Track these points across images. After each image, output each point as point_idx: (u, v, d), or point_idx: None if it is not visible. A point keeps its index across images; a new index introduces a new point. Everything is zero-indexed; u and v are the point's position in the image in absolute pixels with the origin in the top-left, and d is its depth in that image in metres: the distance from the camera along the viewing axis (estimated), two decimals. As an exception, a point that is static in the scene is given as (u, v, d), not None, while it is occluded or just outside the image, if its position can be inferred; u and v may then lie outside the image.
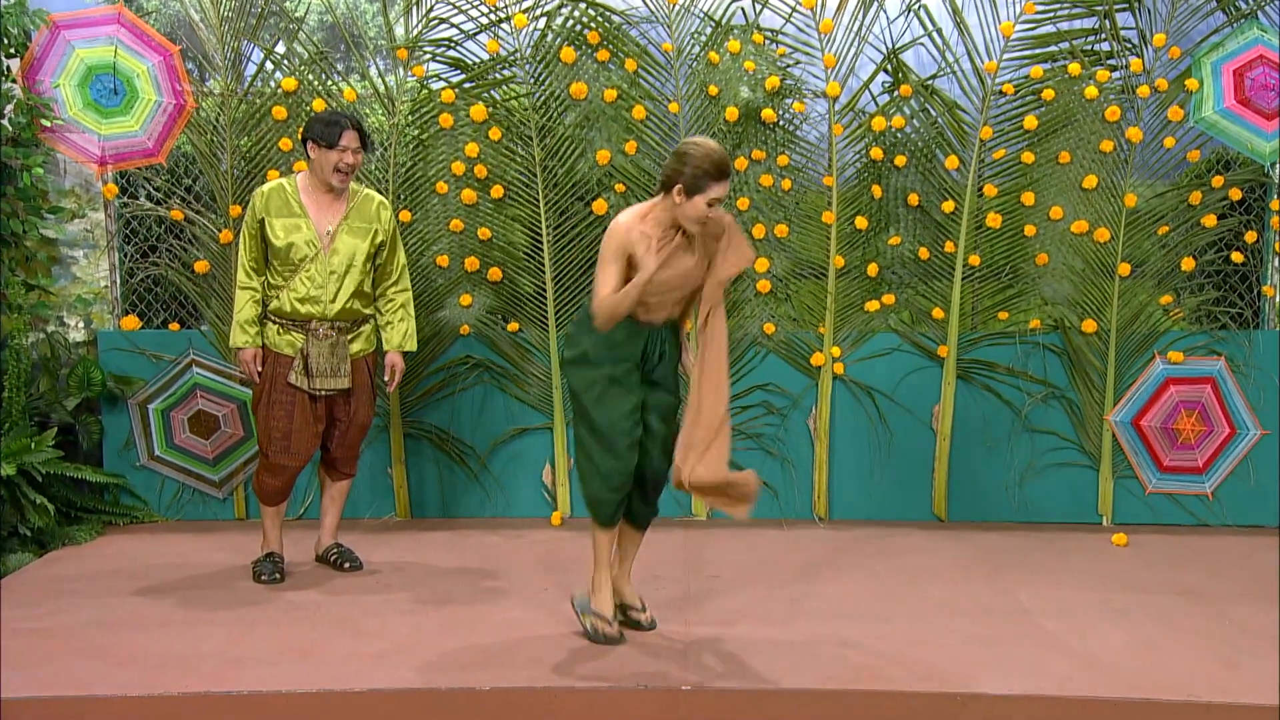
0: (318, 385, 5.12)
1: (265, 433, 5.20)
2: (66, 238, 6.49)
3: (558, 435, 6.40)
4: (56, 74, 6.17)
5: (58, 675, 4.15)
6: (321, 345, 5.11)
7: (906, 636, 4.53)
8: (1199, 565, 5.61)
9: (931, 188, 6.27)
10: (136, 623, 4.71)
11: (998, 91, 6.20)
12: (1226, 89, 6.14)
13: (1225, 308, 6.36)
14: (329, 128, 4.98)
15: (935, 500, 6.40)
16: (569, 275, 6.34)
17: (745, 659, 4.28)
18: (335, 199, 5.16)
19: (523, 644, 4.41)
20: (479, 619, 4.74)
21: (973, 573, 5.42)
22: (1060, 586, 5.22)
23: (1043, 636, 4.55)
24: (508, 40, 6.21)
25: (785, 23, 6.23)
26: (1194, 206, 6.24)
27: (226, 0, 6.23)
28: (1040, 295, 6.33)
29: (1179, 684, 4.06)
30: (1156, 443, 6.32)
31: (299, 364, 5.10)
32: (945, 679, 4.08)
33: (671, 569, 5.44)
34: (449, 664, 4.22)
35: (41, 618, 4.80)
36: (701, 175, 4.05)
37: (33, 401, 6.26)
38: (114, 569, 5.51)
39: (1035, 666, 4.21)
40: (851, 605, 4.93)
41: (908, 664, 4.23)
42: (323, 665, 4.22)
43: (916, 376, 6.36)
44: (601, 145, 6.22)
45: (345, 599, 5.02)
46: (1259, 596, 5.12)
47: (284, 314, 5.11)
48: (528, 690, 3.98)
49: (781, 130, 6.25)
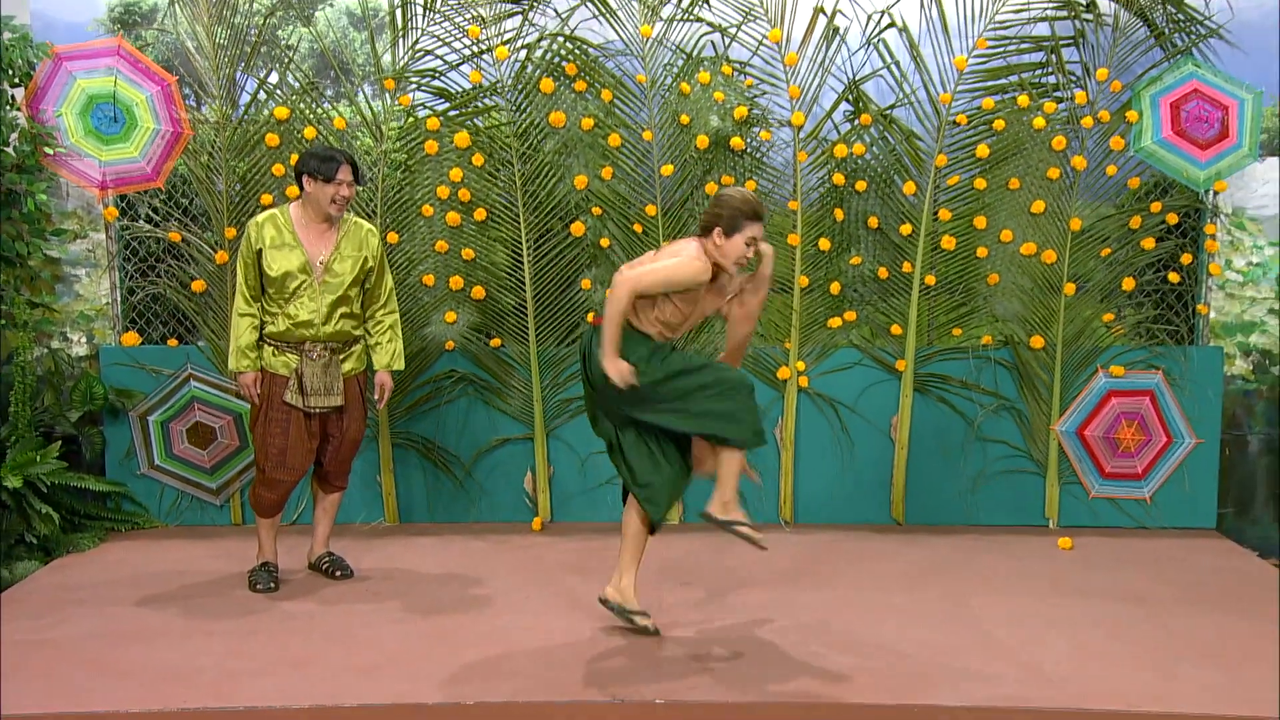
0: (312, 403, 5.04)
1: (262, 449, 5.11)
2: (69, 257, 6.35)
3: (538, 444, 6.31)
4: (59, 103, 6.02)
5: (60, 689, 4.05)
6: (315, 365, 5.03)
7: (868, 646, 4.44)
8: (1138, 569, 5.56)
9: (890, 211, 6.20)
10: (137, 634, 4.60)
11: (952, 121, 6.13)
12: (1164, 120, 6.09)
13: (1163, 325, 6.33)
14: (325, 163, 4.90)
15: (894, 504, 6.35)
16: (549, 293, 6.24)
17: (716, 670, 4.21)
18: (328, 228, 5.07)
19: (506, 656, 4.32)
20: (464, 629, 4.65)
21: (930, 579, 5.35)
22: (1011, 594, 5.15)
23: (995, 646, 4.46)
24: (490, 71, 6.10)
25: (753, 55, 6.15)
26: (1134, 230, 6.19)
27: (221, 29, 6.08)
28: (991, 313, 6.27)
29: (1120, 694, 4.00)
30: (1099, 451, 6.28)
31: (294, 383, 5.02)
32: (903, 691, 4.00)
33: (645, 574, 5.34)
34: (436, 676, 4.12)
35: (45, 629, 4.70)
36: (738, 215, 4.19)
37: (38, 415, 6.13)
38: (116, 577, 5.40)
39: (989, 677, 4.13)
40: (818, 614, 4.83)
41: (872, 674, 4.16)
42: (317, 678, 4.12)
43: (876, 389, 6.30)
44: (579, 171, 6.12)
45: (338, 608, 4.93)
46: (1194, 602, 5.06)
47: (279, 336, 5.03)
48: (511, 705, 3.88)
49: (749, 157, 6.17)
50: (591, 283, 6.23)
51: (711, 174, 6.15)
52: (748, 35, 6.13)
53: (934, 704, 3.89)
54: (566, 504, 6.37)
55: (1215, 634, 4.64)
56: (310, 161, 4.93)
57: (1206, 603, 5.05)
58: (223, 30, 6.13)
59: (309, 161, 4.93)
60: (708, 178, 6.14)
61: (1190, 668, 4.25)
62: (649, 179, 6.17)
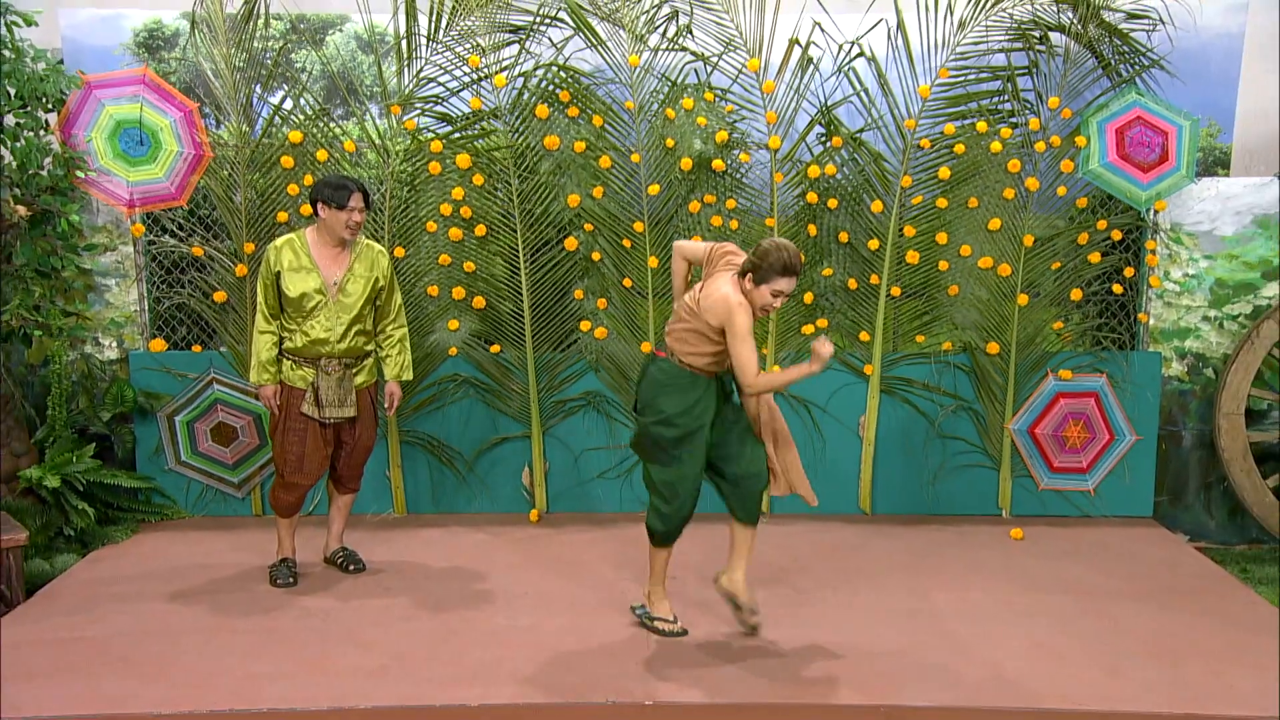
0: (327, 414, 5.01)
1: (281, 456, 5.08)
2: (100, 269, 6.26)
3: (535, 442, 6.29)
4: (89, 128, 5.94)
5: (92, 692, 4.03)
6: (330, 379, 5.00)
7: (839, 645, 4.43)
8: (1083, 560, 5.59)
9: (859, 227, 6.17)
10: (165, 632, 4.58)
11: (916, 145, 6.09)
12: (1110, 145, 6.06)
13: (1107, 332, 6.32)
14: (338, 191, 4.84)
15: (861, 497, 6.35)
16: (544, 303, 6.20)
17: (697, 669, 4.20)
18: (341, 251, 5.02)
19: (507, 657, 4.31)
20: (468, 627, 4.62)
21: (895, 574, 5.33)
22: (969, 588, 5.16)
23: (956, 643, 4.46)
24: (489, 98, 6.02)
25: (733, 83, 6.08)
26: (1081, 246, 6.18)
27: (238, 53, 5.98)
28: (951, 321, 6.26)
29: (1070, 692, 4.02)
30: (1048, 447, 6.29)
31: (310, 396, 5.00)
32: (874, 691, 4.01)
33: (634, 571, 5.34)
34: (443, 677, 4.11)
35: (82, 626, 4.67)
36: (770, 269, 4.12)
37: (73, 416, 6.08)
38: (148, 571, 5.38)
39: (950, 676, 4.14)
40: (794, 612, 4.80)
41: (841, 674, 4.15)
42: (332, 680, 4.11)
43: (845, 391, 6.29)
44: (572, 190, 6.07)
45: (351, 604, 4.91)
46: (1135, 596, 5.09)
47: (297, 352, 4.99)
48: (509, 707, 3.88)
49: (729, 177, 6.11)
50: (584, 293, 6.19)
51: (695, 193, 6.10)
52: (728, 64, 6.06)
53: (901, 704, 3.89)
54: (561, 497, 6.36)
55: (1154, 628, 4.67)
56: (324, 190, 4.87)
57: (1146, 596, 5.08)
58: (239, 54, 6.03)
59: (323, 190, 4.87)
60: (691, 196, 6.09)
61: (1133, 665, 4.28)
62: (637, 197, 6.12)
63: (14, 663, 4.26)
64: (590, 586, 5.09)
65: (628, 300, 6.19)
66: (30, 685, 4.05)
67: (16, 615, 4.81)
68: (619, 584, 5.11)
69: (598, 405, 6.27)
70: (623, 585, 5.09)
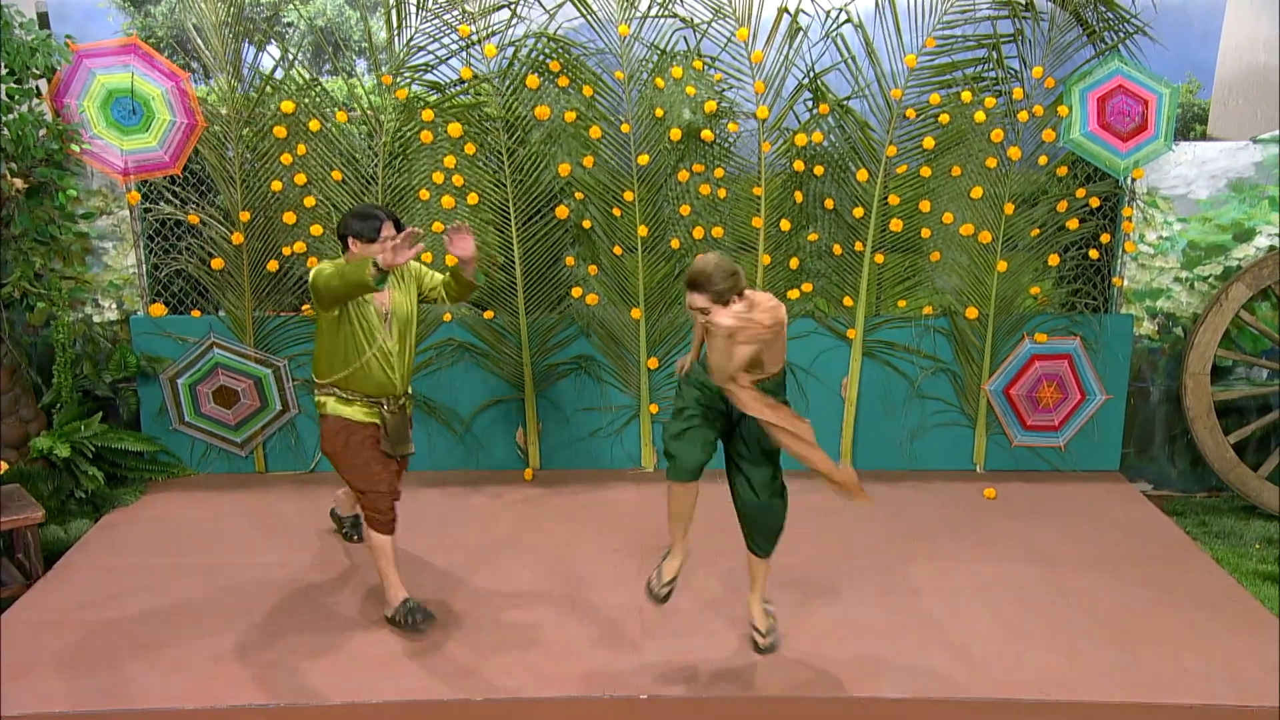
0: (397, 451, 4.64)
1: (370, 483, 4.56)
2: (96, 233, 6.22)
3: (528, 403, 6.37)
4: (81, 96, 5.85)
5: (117, 684, 4.16)
6: (394, 418, 4.62)
7: (820, 630, 4.56)
8: (1052, 522, 5.76)
9: (845, 195, 6.17)
10: (183, 618, 4.67)
11: (902, 115, 6.05)
12: (1091, 114, 6.04)
13: (1082, 298, 6.39)
14: (367, 223, 4.44)
15: (843, 454, 6.49)
16: (535, 270, 6.23)
17: (689, 662, 4.31)
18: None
19: (507, 645, 4.43)
20: (470, 612, 4.72)
21: (872, 543, 5.45)
22: (942, 556, 5.31)
23: (929, 626, 4.60)
24: (480, 67, 5.94)
25: (721, 50, 6.00)
26: (1060, 213, 6.20)
27: (225, 8, 5.86)
28: (933, 286, 6.32)
29: (1031, 679, 4.18)
30: (1022, 407, 6.42)
31: (382, 432, 4.60)
32: (852, 681, 4.15)
33: (625, 537, 5.48)
34: (448, 670, 4.23)
35: (101, 606, 4.78)
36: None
37: (78, 381, 6.11)
38: (159, 539, 5.49)
39: (923, 666, 4.28)
40: (775, 594, 4.76)
41: (813, 664, 4.29)
42: (344, 672, 4.22)
43: (829, 354, 6.37)
44: (563, 159, 6.03)
45: (360, 589, 4.95)
46: (1097, 563, 5.26)
47: (359, 391, 4.57)
48: (512, 701, 4.04)
49: (718, 147, 6.08)
50: (575, 260, 6.21)
51: (683, 162, 6.07)
52: (717, 32, 5.97)
53: (879, 696, 4.06)
54: (554, 455, 6.47)
55: (1114, 605, 4.84)
56: (353, 224, 4.46)
57: (1107, 565, 5.24)
58: (226, 9, 5.91)
59: (351, 225, 4.46)
60: (680, 165, 6.06)
61: (1092, 647, 4.45)
62: (627, 167, 6.08)
63: (39, 649, 4.39)
64: (588, 560, 5.22)
65: (618, 267, 6.21)
66: (59, 676, 4.18)
67: (37, 592, 4.93)
68: (611, 556, 5.23)
69: (589, 368, 6.34)
70: (618, 558, 5.23)
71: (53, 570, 5.16)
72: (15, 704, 3.99)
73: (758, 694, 4.09)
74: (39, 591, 4.94)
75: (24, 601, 4.84)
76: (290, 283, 6.20)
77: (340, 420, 4.55)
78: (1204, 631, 4.57)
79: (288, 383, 6.28)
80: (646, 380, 6.35)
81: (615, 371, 6.34)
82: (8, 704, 3.99)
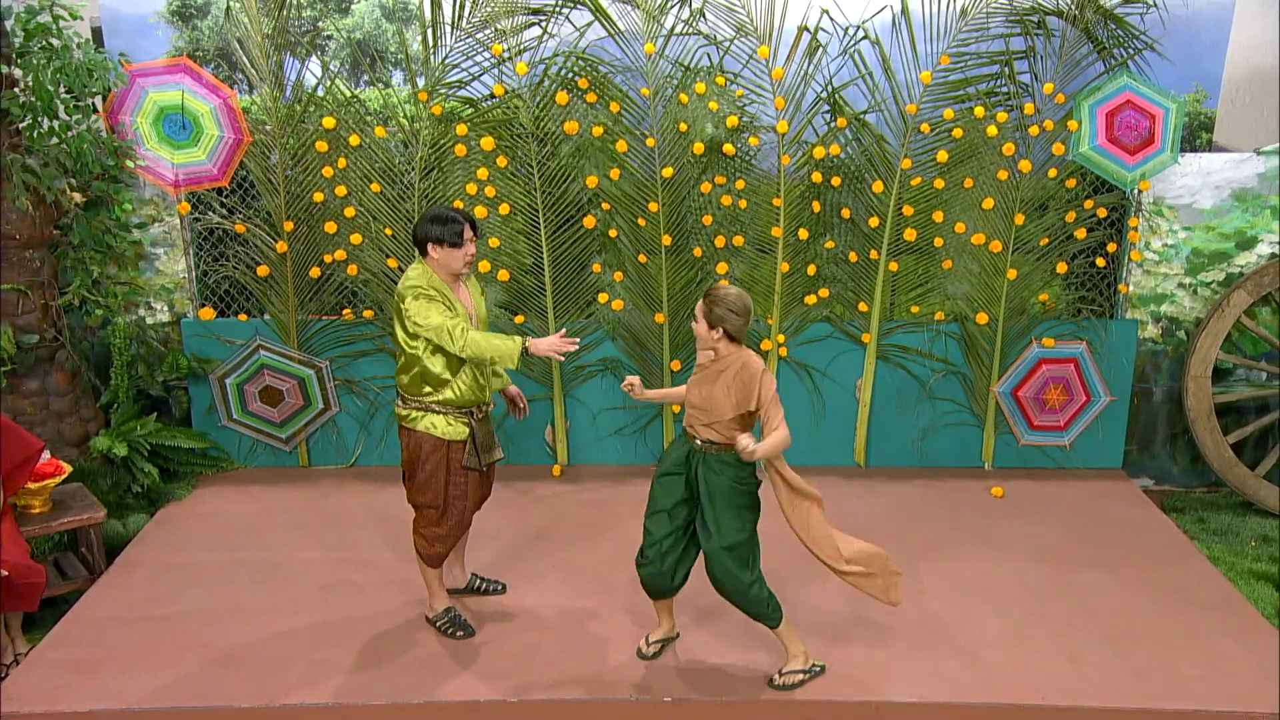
0: (485, 460, 4.57)
1: (442, 511, 4.53)
2: (148, 239, 6.38)
3: (557, 403, 6.52)
4: (134, 113, 5.99)
5: (179, 680, 4.34)
6: (483, 427, 4.56)
7: (836, 630, 4.69)
8: (1057, 522, 5.87)
9: (861, 205, 6.27)
10: (236, 616, 4.85)
11: (917, 129, 6.12)
12: (1100, 129, 6.11)
13: (1089, 304, 6.47)
14: (448, 227, 4.30)
15: (857, 451, 6.62)
16: (564, 276, 6.36)
17: (712, 666, 4.43)
18: (459, 285, 4.52)
19: (535, 648, 4.57)
20: (501, 612, 4.87)
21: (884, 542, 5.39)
22: (950, 557, 5.43)
23: (938, 628, 4.72)
24: (511, 82, 6.04)
25: (743, 68, 6.08)
26: (1068, 223, 6.28)
27: (267, 21, 5.99)
28: (945, 293, 6.41)
29: (1036, 684, 4.29)
30: (1029, 408, 6.53)
31: (470, 447, 4.49)
32: (862, 685, 4.28)
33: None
34: (484, 672, 4.39)
35: (161, 601, 4.97)
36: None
37: (133, 381, 6.29)
38: (212, 535, 5.68)
39: (933, 670, 4.40)
40: (796, 591, 4.99)
41: (838, 666, 4.42)
42: (388, 673, 4.38)
43: (845, 357, 6.49)
44: (590, 172, 6.14)
45: (402, 587, 5.08)
46: (1100, 563, 5.38)
47: (453, 404, 4.44)
48: (544, 703, 4.19)
49: (739, 159, 6.17)
50: (601, 266, 6.33)
51: (706, 174, 6.17)
52: (739, 49, 6.05)
53: (890, 700, 4.20)
54: (581, 452, 6.63)
55: (1116, 607, 4.95)
56: (433, 229, 4.31)
57: (1110, 566, 5.36)
58: (268, 23, 6.03)
59: (431, 229, 4.31)
60: (702, 178, 6.17)
61: (1095, 652, 4.56)
62: (651, 179, 6.19)
63: (107, 646, 4.60)
64: (612, 552, 5.37)
65: (643, 274, 6.33)
66: (127, 674, 4.38)
67: (100, 588, 5.12)
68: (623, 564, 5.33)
69: (614, 370, 6.48)
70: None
71: (114, 565, 5.36)
72: (86, 700, 4.20)
73: (773, 698, 4.23)
74: (102, 587, 5.13)
75: (89, 597, 5.04)
76: (331, 288, 6.35)
77: (432, 438, 4.43)
78: (1201, 636, 4.68)
79: (329, 382, 6.45)
80: (670, 381, 6.48)
81: (640, 373, 6.48)
82: (79, 700, 4.19)
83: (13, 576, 4.59)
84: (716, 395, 3.99)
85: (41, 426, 5.88)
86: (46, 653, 4.55)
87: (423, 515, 4.56)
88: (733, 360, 4.00)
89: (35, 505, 5.27)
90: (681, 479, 4.18)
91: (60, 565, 5.38)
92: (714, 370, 4.04)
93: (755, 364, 3.99)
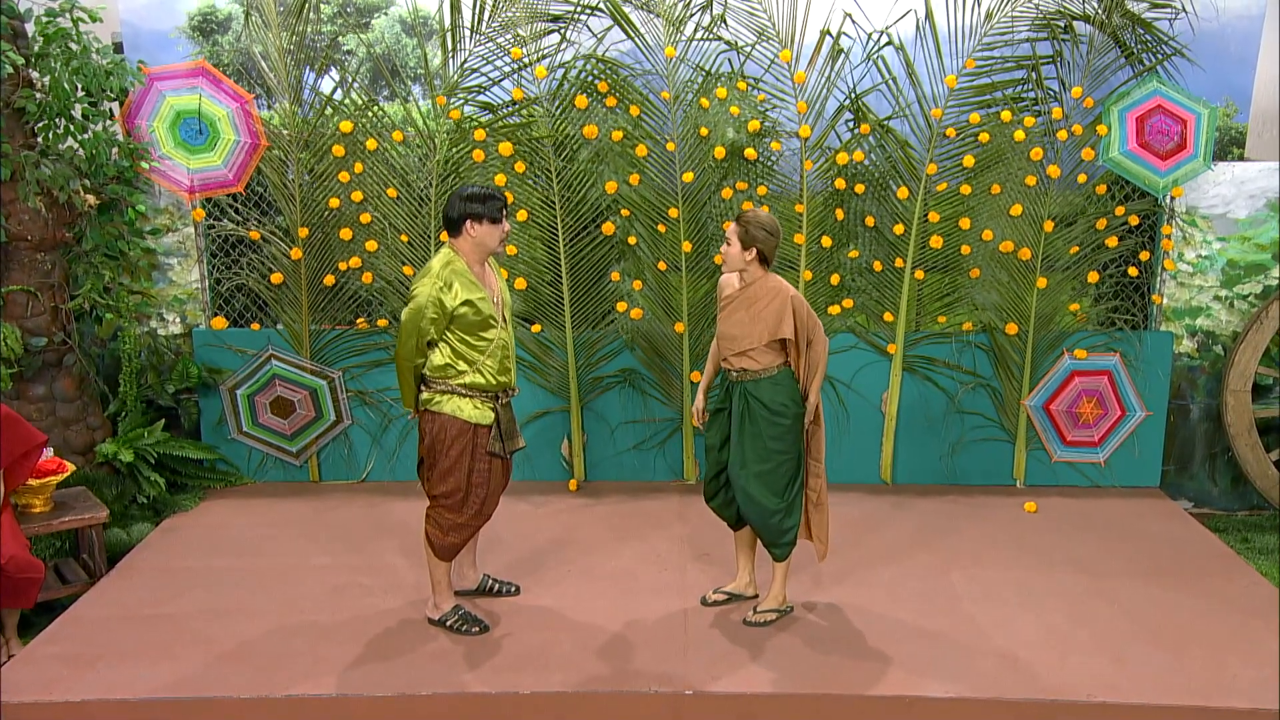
0: (510, 447, 4.47)
1: (462, 498, 4.37)
2: (162, 249, 6.33)
3: (573, 416, 6.38)
4: (151, 117, 5.97)
5: (178, 673, 4.18)
6: (506, 412, 4.45)
7: (864, 630, 4.52)
8: (1094, 535, 5.67)
9: (885, 212, 6.16)
10: (239, 614, 4.69)
11: (942, 134, 6.04)
12: (1130, 133, 6.01)
13: (1122, 314, 6.32)
14: (489, 203, 4.23)
15: (883, 468, 6.44)
16: (582, 285, 6.25)
17: (735, 663, 4.26)
18: (484, 269, 4.40)
19: (551, 644, 4.41)
20: (516, 611, 4.72)
21: (914, 552, 5.40)
22: (984, 565, 5.24)
23: (972, 629, 4.54)
24: (530, 88, 6.00)
25: (765, 72, 6.03)
26: (1099, 230, 6.15)
27: (287, 36, 5.98)
28: (972, 302, 6.27)
29: (1078, 682, 4.09)
30: (1062, 422, 6.34)
31: (495, 433, 4.37)
32: (893, 680, 4.10)
33: (670, 543, 5.45)
34: (497, 664, 4.23)
35: (161, 602, 4.82)
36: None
37: (142, 391, 6.19)
38: (217, 543, 5.52)
39: (967, 666, 4.21)
40: (826, 591, 4.88)
41: (861, 664, 4.24)
42: (395, 667, 4.22)
43: (870, 369, 6.34)
44: (610, 177, 6.07)
45: (408, 593, 4.92)
46: (1141, 573, 5.18)
47: (479, 388, 4.32)
48: (558, 695, 4.01)
49: (761, 165, 6.09)
50: (620, 275, 6.23)
51: (727, 180, 6.09)
52: (760, 54, 6.01)
53: (924, 695, 3.99)
54: (598, 467, 6.47)
55: (1159, 612, 4.74)
56: (473, 205, 4.21)
57: (1152, 575, 5.15)
58: (289, 37, 6.03)
59: (471, 205, 4.21)
60: (723, 183, 6.09)
61: (1138, 652, 4.35)
62: (671, 185, 6.12)
63: (104, 641, 4.43)
64: (625, 570, 5.20)
65: (662, 282, 6.23)
66: (123, 666, 4.22)
67: (100, 589, 4.97)
68: (648, 565, 5.21)
69: (633, 382, 6.35)
70: (660, 567, 5.20)
71: (115, 569, 5.21)
72: (83, 691, 4.03)
73: (803, 691, 4.03)
74: (102, 589, 4.98)
75: (88, 598, 4.89)
76: (345, 297, 6.27)
77: (458, 422, 4.29)
78: (1250, 637, 4.47)
79: (342, 394, 6.34)
80: (689, 393, 6.34)
81: (659, 384, 6.34)
82: (75, 691, 4.02)
83: (10, 570, 4.47)
84: (747, 322, 4.17)
85: (47, 433, 5.75)
86: (41, 648, 4.38)
87: (441, 504, 4.40)
88: (760, 286, 4.17)
89: (36, 504, 5.14)
90: (725, 414, 4.39)
91: (60, 570, 5.24)
92: (743, 299, 4.23)
93: (785, 289, 4.08)
